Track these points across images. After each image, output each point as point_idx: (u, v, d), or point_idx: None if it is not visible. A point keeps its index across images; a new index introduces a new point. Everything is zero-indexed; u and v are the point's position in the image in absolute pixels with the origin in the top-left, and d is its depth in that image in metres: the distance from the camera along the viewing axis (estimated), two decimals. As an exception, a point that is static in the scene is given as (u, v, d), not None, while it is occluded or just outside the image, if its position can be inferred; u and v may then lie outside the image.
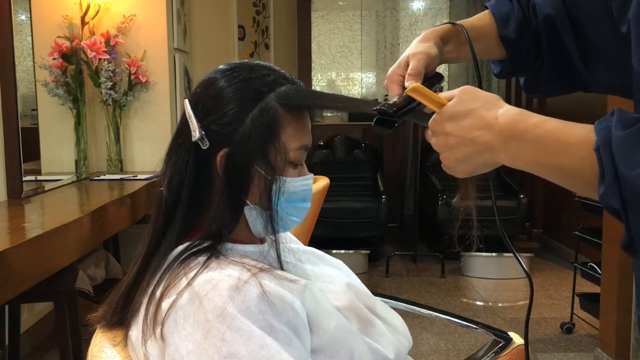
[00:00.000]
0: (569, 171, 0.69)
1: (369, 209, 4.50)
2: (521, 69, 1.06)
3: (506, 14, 1.00)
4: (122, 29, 3.38)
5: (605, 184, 0.64)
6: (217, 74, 0.90)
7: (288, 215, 0.90)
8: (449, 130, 0.75)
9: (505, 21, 1.00)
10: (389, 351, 0.91)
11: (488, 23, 1.01)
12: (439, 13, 6.04)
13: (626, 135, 0.63)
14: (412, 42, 0.96)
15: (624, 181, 0.62)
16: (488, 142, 0.73)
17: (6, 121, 2.50)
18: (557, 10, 0.96)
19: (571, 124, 0.69)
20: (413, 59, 0.90)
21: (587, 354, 2.94)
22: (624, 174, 0.62)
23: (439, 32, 0.97)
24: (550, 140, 0.69)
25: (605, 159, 0.64)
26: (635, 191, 0.62)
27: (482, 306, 3.74)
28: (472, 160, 0.75)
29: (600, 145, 0.64)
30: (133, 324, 0.85)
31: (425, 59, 0.90)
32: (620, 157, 0.63)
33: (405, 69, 0.90)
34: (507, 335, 1.25)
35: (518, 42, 1.00)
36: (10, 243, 1.68)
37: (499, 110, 0.73)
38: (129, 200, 2.67)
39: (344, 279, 1.00)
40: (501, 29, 1.00)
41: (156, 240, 0.89)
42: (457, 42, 0.98)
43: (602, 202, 0.65)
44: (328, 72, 6.05)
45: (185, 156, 0.88)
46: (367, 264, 4.39)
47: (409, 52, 0.92)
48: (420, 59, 0.90)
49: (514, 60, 1.02)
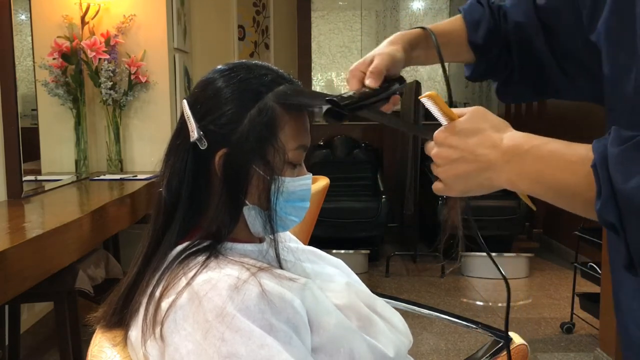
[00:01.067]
0: (570, 190, 0.69)
1: (369, 209, 4.50)
2: (491, 74, 1.07)
3: (477, 19, 1.02)
4: (122, 29, 3.38)
5: (601, 199, 0.64)
6: (215, 74, 0.90)
7: (287, 215, 0.90)
8: (455, 144, 0.75)
9: (476, 26, 1.01)
10: (389, 349, 0.91)
11: (459, 27, 1.03)
12: (439, 13, 6.04)
13: (621, 151, 0.64)
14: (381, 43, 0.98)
15: (620, 196, 0.63)
16: (491, 160, 0.73)
17: (6, 121, 2.50)
18: (529, 17, 0.97)
19: (573, 144, 0.70)
20: (377, 58, 0.91)
21: (587, 354, 2.94)
22: (619, 188, 0.63)
23: (409, 37, 0.98)
24: (553, 159, 0.70)
25: (602, 175, 0.64)
26: (631, 205, 0.62)
27: (482, 306, 3.74)
28: (471, 178, 0.75)
29: (597, 162, 0.65)
30: (133, 324, 0.85)
31: (388, 60, 0.91)
32: (615, 173, 0.63)
33: (368, 66, 0.91)
34: (507, 335, 1.25)
35: (486, 47, 1.01)
36: (10, 243, 1.68)
37: (506, 134, 0.74)
38: (129, 200, 2.67)
39: (344, 278, 1.00)
40: (471, 34, 1.01)
41: (156, 241, 0.89)
42: (426, 47, 0.99)
43: (600, 217, 0.65)
44: (328, 72, 6.05)
45: (184, 157, 0.88)
46: (367, 264, 4.39)
47: (375, 51, 0.94)
48: (384, 59, 0.91)
49: (482, 65, 1.04)
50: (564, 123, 4.68)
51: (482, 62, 1.03)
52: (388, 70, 0.91)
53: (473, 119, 0.75)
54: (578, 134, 5.12)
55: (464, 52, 1.03)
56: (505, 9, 1.01)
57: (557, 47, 0.95)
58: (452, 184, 0.77)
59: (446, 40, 0.99)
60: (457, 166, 0.75)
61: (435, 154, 0.77)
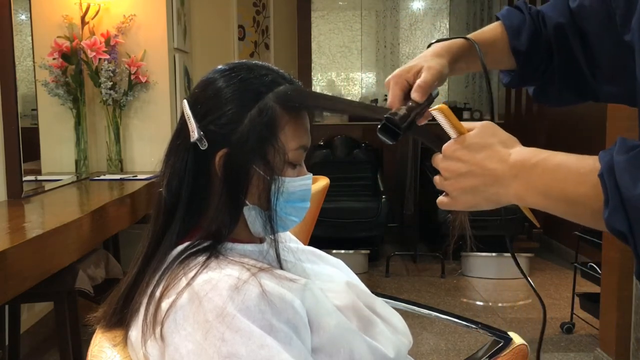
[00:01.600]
0: (579, 201, 0.68)
1: (369, 209, 4.49)
2: (531, 79, 1.06)
3: (517, 25, 1.00)
4: (122, 29, 3.38)
5: (609, 207, 0.64)
6: (215, 74, 0.90)
7: (287, 215, 0.90)
8: (463, 158, 0.75)
9: (517, 32, 1.00)
10: (389, 350, 0.91)
11: (499, 34, 1.01)
12: (439, 13, 6.04)
13: (627, 159, 0.64)
14: (425, 51, 0.95)
15: (628, 203, 0.63)
16: (499, 175, 0.73)
17: (6, 121, 2.50)
18: (566, 18, 0.96)
19: (580, 156, 0.70)
20: (427, 72, 0.89)
21: (587, 354, 2.94)
22: (627, 196, 0.63)
23: (454, 49, 0.96)
24: (560, 171, 0.69)
25: (609, 183, 0.64)
26: None
27: (482, 306, 3.74)
28: (478, 192, 0.75)
29: (604, 171, 0.65)
30: (133, 324, 0.85)
31: (437, 77, 0.89)
32: (623, 181, 0.63)
33: (415, 76, 0.89)
34: (507, 335, 1.25)
35: (529, 53, 1.00)
36: (10, 243, 1.68)
37: (514, 149, 0.74)
38: (129, 200, 2.67)
39: (344, 278, 1.00)
40: (512, 40, 1.00)
41: (156, 241, 0.89)
42: (468, 58, 0.98)
43: (608, 226, 0.65)
44: (328, 72, 6.05)
45: (184, 157, 0.88)
46: (367, 264, 4.39)
47: (424, 62, 0.91)
48: (434, 74, 0.89)
49: (524, 71, 1.02)
50: (564, 123, 4.68)
51: (524, 68, 1.02)
52: (434, 85, 0.90)
53: (482, 134, 0.75)
54: (578, 134, 5.11)
55: (505, 59, 1.02)
56: (544, 13, 1.00)
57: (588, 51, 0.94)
58: (459, 197, 0.76)
59: (488, 47, 0.98)
60: (465, 180, 0.75)
61: (444, 167, 0.77)
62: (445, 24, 6.01)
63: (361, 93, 6.02)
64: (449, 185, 0.77)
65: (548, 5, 1.01)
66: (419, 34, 6.00)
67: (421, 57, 0.93)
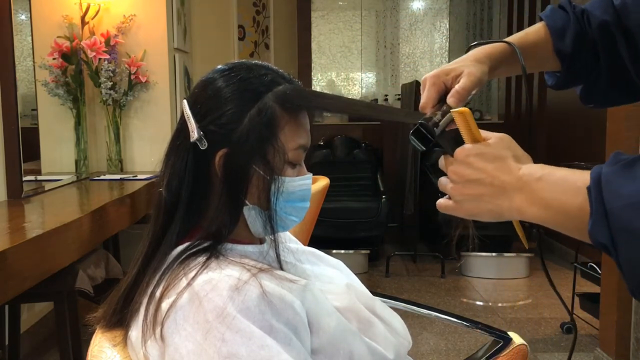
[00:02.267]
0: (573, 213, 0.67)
1: (369, 209, 4.49)
2: (577, 81, 1.03)
3: (562, 26, 0.97)
4: (122, 29, 3.38)
5: (592, 219, 0.64)
6: (215, 74, 0.90)
7: (287, 215, 0.90)
8: (475, 164, 0.74)
9: (561, 34, 0.97)
10: (389, 351, 0.91)
11: (543, 36, 0.98)
12: (439, 13, 6.03)
13: (613, 171, 0.64)
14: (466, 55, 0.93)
15: (611, 216, 0.62)
16: (505, 186, 0.72)
17: (6, 121, 2.50)
18: (611, 16, 0.93)
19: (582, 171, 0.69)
20: (467, 78, 0.87)
21: (587, 354, 2.94)
22: (610, 208, 0.62)
23: (495, 55, 0.94)
24: (561, 184, 0.69)
25: (595, 195, 0.64)
26: (621, 225, 0.62)
27: (482, 306, 3.74)
28: (483, 202, 0.74)
29: (592, 183, 0.64)
30: (133, 324, 0.85)
31: (476, 84, 0.88)
32: (607, 193, 0.63)
33: (454, 80, 0.87)
34: (507, 335, 1.25)
35: (575, 54, 0.97)
36: (10, 243, 1.68)
37: (525, 165, 0.73)
38: (129, 200, 2.67)
39: (344, 279, 1.00)
40: (557, 42, 0.97)
41: (156, 241, 0.89)
42: (508, 63, 0.96)
43: (592, 238, 0.64)
44: (328, 72, 6.05)
45: (184, 157, 0.88)
46: (367, 264, 4.39)
47: (464, 67, 0.89)
48: (474, 81, 0.87)
49: (570, 73, 1.00)
50: (564, 123, 4.68)
51: (570, 70, 0.99)
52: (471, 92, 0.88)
53: (498, 145, 0.74)
54: (578, 134, 5.10)
55: (550, 61, 0.99)
56: (589, 11, 0.97)
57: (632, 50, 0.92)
58: (463, 203, 0.75)
59: (532, 52, 0.96)
60: (472, 187, 0.74)
61: (453, 170, 0.75)
62: (445, 24, 6.01)
63: (361, 93, 6.02)
64: (454, 190, 0.76)
65: (592, 3, 0.98)
66: (419, 34, 6.00)
67: (461, 61, 0.91)
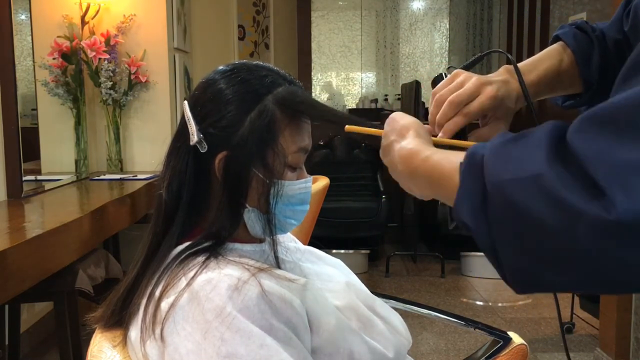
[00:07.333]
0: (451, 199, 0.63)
1: (369, 209, 4.50)
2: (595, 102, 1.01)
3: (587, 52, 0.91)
4: (122, 29, 3.38)
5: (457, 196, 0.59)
6: (215, 75, 0.90)
7: (286, 218, 0.90)
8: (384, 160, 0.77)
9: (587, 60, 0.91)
10: (389, 350, 0.91)
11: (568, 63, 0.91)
12: (439, 13, 6.04)
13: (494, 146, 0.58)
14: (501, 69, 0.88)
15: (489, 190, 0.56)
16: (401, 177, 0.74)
17: (6, 121, 2.50)
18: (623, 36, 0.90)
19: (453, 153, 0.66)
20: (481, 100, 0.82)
21: (587, 354, 2.94)
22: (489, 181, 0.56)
23: None
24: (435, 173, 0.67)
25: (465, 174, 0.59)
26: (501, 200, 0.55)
27: (482, 306, 3.74)
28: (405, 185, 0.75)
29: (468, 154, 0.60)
30: (132, 324, 0.85)
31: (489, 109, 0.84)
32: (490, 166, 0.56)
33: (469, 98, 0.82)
34: (507, 335, 1.25)
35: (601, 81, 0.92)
36: (10, 243, 1.68)
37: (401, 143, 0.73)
38: (129, 200, 2.67)
39: (343, 278, 1.00)
40: (584, 70, 0.91)
41: (156, 242, 0.89)
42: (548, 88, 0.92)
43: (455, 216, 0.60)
44: (328, 72, 6.05)
45: (184, 159, 0.88)
46: (367, 264, 4.40)
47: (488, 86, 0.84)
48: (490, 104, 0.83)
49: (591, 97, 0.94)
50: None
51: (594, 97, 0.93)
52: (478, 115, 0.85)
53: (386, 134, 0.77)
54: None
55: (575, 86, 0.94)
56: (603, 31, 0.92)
57: None
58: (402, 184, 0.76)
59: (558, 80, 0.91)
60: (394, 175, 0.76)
61: None
62: (445, 24, 6.01)
63: (361, 93, 6.02)
64: None
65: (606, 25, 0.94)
66: (419, 34, 6.00)
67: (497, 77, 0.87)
